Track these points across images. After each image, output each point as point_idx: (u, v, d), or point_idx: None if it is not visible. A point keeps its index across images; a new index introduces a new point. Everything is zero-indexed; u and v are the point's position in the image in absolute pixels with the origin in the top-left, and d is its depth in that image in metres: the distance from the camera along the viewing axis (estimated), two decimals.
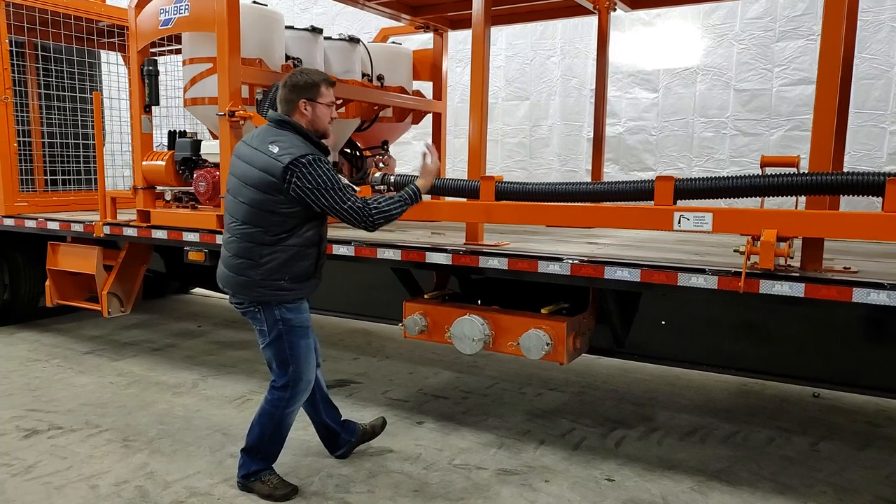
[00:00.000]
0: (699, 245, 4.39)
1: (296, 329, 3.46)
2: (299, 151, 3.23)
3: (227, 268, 3.47)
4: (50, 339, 6.54)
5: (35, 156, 7.06)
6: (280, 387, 3.51)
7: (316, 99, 3.37)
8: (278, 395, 3.52)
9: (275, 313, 3.42)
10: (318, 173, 3.22)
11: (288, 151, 3.23)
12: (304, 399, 3.61)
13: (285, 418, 3.57)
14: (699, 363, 4.47)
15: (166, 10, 4.89)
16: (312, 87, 3.36)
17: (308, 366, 3.53)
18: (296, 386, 3.51)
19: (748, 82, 7.35)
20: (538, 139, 8.51)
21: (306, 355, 3.51)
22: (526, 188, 3.93)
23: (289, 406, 3.54)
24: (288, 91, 3.37)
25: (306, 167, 3.20)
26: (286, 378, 3.49)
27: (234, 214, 3.39)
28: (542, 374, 5.56)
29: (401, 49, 6.69)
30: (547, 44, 8.34)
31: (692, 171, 7.67)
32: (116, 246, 5.79)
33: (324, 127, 3.43)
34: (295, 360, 3.47)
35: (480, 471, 3.92)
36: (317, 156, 3.27)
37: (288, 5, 9.82)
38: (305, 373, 3.52)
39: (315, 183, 3.21)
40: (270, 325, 3.44)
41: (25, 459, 3.98)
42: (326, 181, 3.23)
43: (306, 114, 3.37)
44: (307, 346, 3.51)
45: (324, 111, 3.40)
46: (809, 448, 4.30)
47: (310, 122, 3.39)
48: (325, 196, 3.23)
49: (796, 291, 3.20)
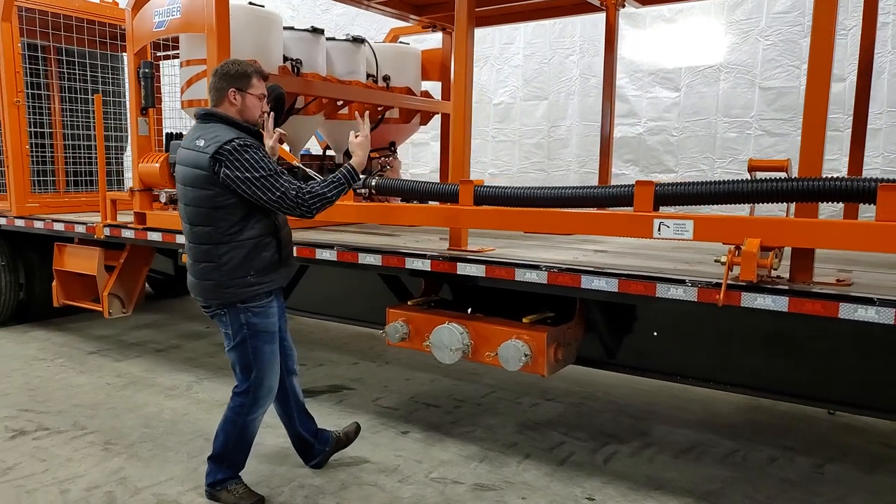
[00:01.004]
0: (697, 253, 4.16)
1: (261, 334, 3.39)
2: (224, 138, 3.15)
3: (192, 275, 3.41)
4: (60, 338, 6.64)
5: (56, 157, 7.20)
6: (241, 392, 3.45)
7: (245, 89, 3.30)
8: (240, 402, 3.45)
9: (240, 317, 3.35)
10: (244, 158, 3.11)
11: (213, 141, 3.15)
12: (266, 406, 3.53)
13: (248, 425, 3.50)
14: (695, 378, 4.22)
15: (160, 12, 4.89)
16: (243, 76, 3.29)
17: (271, 372, 3.46)
18: (257, 392, 3.44)
19: (774, 80, 7.04)
20: (556, 140, 8.30)
21: (270, 361, 3.44)
22: (505, 192, 3.78)
23: (251, 413, 3.47)
24: (217, 79, 3.30)
25: (232, 153, 3.11)
26: (248, 383, 3.42)
27: (186, 219, 3.34)
28: (542, 384, 5.39)
29: (408, 49, 6.59)
30: (566, 42, 8.13)
31: (715, 172, 7.38)
32: (119, 247, 5.83)
33: (253, 118, 3.35)
34: (258, 365, 3.40)
35: (456, 485, 3.78)
36: (244, 140, 3.17)
37: (310, 6, 9.85)
38: (267, 379, 3.45)
39: (242, 169, 3.11)
40: (235, 329, 3.37)
41: (5, 461, 4.00)
42: (253, 166, 3.12)
43: (235, 103, 3.30)
44: (271, 352, 3.44)
45: (254, 102, 3.33)
46: (813, 470, 4.04)
47: (239, 111, 3.32)
48: (254, 184, 3.12)
49: (779, 305, 2.99)
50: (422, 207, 4.24)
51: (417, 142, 9.10)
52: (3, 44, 6.10)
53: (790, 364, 3.79)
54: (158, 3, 4.91)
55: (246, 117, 3.33)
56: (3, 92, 6.17)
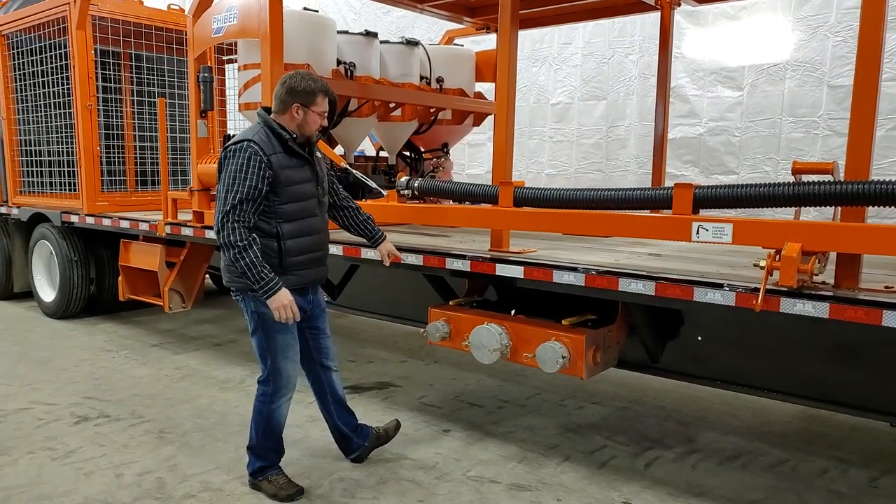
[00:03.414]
0: (744, 257, 4.03)
1: (270, 323, 3.41)
2: (241, 138, 3.30)
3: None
4: (126, 331, 6.96)
5: (127, 158, 7.55)
6: (262, 380, 3.58)
7: (309, 106, 3.39)
8: (262, 390, 3.59)
9: (251, 304, 3.45)
10: (229, 162, 3.25)
11: (235, 139, 3.32)
12: (287, 395, 3.62)
13: (273, 414, 3.60)
14: (743, 385, 4.11)
15: (218, 18, 5.07)
16: (309, 94, 3.38)
17: (286, 361, 3.53)
18: (276, 380, 3.54)
19: (844, 78, 6.76)
20: (615, 140, 8.21)
21: (283, 350, 3.51)
22: (544, 194, 3.78)
23: (273, 402, 3.57)
24: (284, 92, 3.38)
25: (227, 155, 3.28)
26: (266, 372, 3.55)
27: None
28: (588, 387, 5.34)
29: (461, 51, 6.63)
30: (625, 41, 8.03)
31: (778, 174, 7.16)
32: (180, 244, 6.07)
33: (309, 133, 3.44)
34: (272, 353, 3.50)
35: (493, 484, 3.80)
36: (243, 147, 3.24)
37: (371, 10, 9.99)
38: (283, 367, 3.53)
39: (223, 171, 3.27)
40: (250, 315, 3.51)
41: (68, 445, 4.23)
42: (229, 175, 3.22)
43: (297, 117, 3.39)
44: (285, 342, 3.50)
45: (314, 119, 3.42)
46: (867, 483, 3.89)
47: (298, 125, 3.41)
48: (221, 186, 3.25)
49: (820, 312, 2.89)
50: (462, 208, 4.27)
51: (474, 143, 9.15)
52: (77, 50, 6.44)
53: (848, 373, 3.64)
54: (217, 10, 5.10)
55: (303, 131, 3.43)
56: (77, 96, 6.51)
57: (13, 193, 7.77)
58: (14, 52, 7.40)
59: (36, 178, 7.53)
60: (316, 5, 7.12)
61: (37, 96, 7.21)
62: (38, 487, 3.70)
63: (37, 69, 7.09)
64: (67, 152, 6.97)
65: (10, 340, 6.61)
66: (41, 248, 7.56)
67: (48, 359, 5.99)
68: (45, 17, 6.77)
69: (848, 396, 3.69)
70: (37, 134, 7.40)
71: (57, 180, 7.21)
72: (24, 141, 7.56)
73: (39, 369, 5.69)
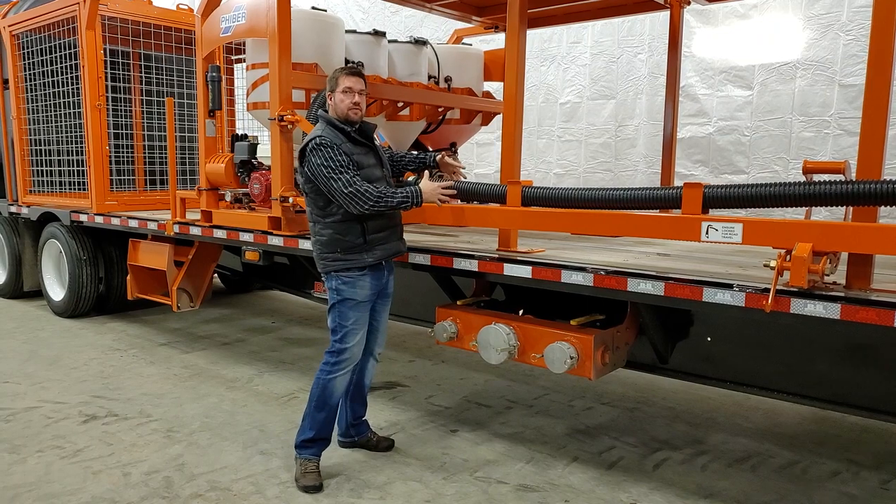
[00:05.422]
0: (754, 257, 4.01)
1: (347, 301, 3.69)
2: (312, 136, 3.59)
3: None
4: (134, 330, 6.98)
5: (136, 157, 7.58)
6: (329, 351, 3.77)
7: (335, 90, 3.67)
8: (325, 360, 3.77)
9: (332, 283, 3.72)
10: (319, 155, 3.50)
11: (307, 139, 3.61)
12: (345, 370, 3.78)
13: (328, 385, 3.74)
14: (753, 386, 4.08)
15: (227, 17, 5.08)
16: (331, 80, 3.70)
17: (352, 338, 3.74)
18: (340, 354, 3.74)
19: (856, 77, 6.69)
20: (624, 139, 8.15)
21: (353, 328, 3.72)
22: (552, 194, 3.75)
23: (331, 373, 3.74)
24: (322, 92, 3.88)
25: (311, 151, 3.54)
26: (333, 345, 3.75)
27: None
28: (597, 388, 5.32)
29: (469, 50, 6.60)
30: (634, 40, 7.97)
31: (789, 174, 7.09)
32: (188, 243, 6.07)
33: (343, 111, 3.66)
34: (342, 329, 3.72)
35: (500, 485, 3.79)
36: (324, 140, 3.53)
37: (380, 9, 9.97)
38: (349, 343, 3.73)
39: (316, 165, 3.51)
40: (330, 293, 3.75)
41: (76, 443, 4.25)
42: (326, 165, 3.48)
43: (331, 104, 3.71)
44: (356, 321, 3.72)
45: (341, 97, 3.66)
46: (879, 486, 3.85)
47: (334, 109, 3.70)
48: (325, 180, 3.49)
49: (831, 313, 2.86)
50: (468, 208, 4.24)
51: (482, 142, 9.12)
52: (87, 50, 6.46)
53: (860, 375, 3.60)
54: (225, 9, 5.10)
55: (338, 112, 3.69)
56: (87, 95, 6.53)
57: (23, 193, 7.81)
58: (24, 51, 7.43)
59: (46, 177, 7.57)
60: (324, 5, 7.09)
61: (46, 96, 7.24)
62: (46, 486, 3.71)
63: (47, 69, 7.12)
64: (77, 152, 7.00)
65: (20, 339, 6.64)
66: (51, 248, 7.61)
67: (57, 357, 6.01)
68: (55, 17, 6.80)
69: (859, 398, 3.65)
70: (46, 133, 7.44)
71: (66, 180, 7.24)
72: (33, 140, 7.60)
73: (48, 368, 5.72)
